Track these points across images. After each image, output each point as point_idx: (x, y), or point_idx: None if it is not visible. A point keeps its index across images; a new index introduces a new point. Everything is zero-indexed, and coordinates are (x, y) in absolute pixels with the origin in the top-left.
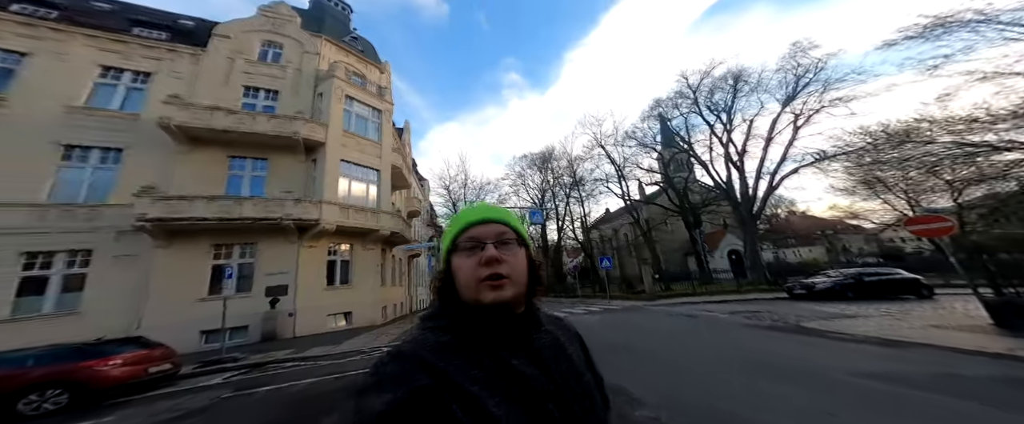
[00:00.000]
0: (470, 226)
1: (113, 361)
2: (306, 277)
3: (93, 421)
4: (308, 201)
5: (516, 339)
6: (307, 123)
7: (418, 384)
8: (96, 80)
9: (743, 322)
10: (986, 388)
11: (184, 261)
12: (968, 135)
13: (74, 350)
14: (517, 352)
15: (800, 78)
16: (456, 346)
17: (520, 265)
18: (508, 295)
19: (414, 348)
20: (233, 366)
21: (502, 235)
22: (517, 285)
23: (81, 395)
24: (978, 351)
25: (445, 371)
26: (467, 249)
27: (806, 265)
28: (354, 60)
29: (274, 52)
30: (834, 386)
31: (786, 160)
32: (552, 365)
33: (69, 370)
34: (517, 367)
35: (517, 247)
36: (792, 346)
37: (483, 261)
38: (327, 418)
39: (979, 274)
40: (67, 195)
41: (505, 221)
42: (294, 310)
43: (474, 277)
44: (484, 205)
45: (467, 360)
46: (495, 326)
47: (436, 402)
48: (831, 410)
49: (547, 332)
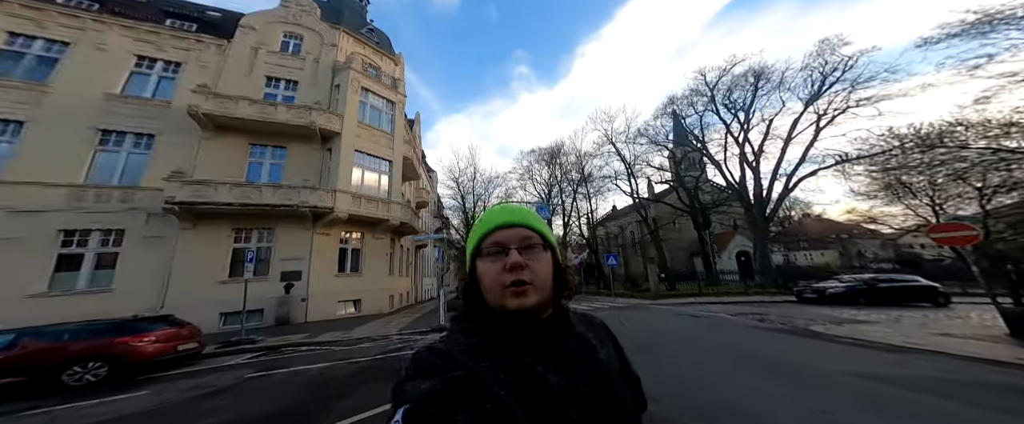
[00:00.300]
0: (494, 230)
1: (147, 338)
2: (319, 264)
3: (129, 394)
4: (323, 189)
5: (542, 345)
6: (324, 113)
7: (454, 375)
8: (132, 69)
9: (750, 324)
10: (981, 393)
11: (207, 244)
12: (1004, 140)
13: (112, 326)
14: (543, 358)
15: (827, 76)
16: (484, 348)
17: (545, 270)
18: (531, 302)
19: (446, 347)
20: (251, 348)
21: (527, 239)
22: (541, 291)
23: (118, 369)
24: (989, 359)
25: (476, 370)
26: (491, 254)
27: (817, 269)
28: (370, 52)
29: (295, 43)
30: (836, 387)
31: (805, 162)
32: (578, 372)
33: (108, 344)
34: (542, 375)
35: (542, 251)
36: (796, 347)
37: (507, 267)
38: (342, 402)
39: (1000, 284)
40: (103, 178)
41: (529, 225)
42: (307, 296)
43: (498, 283)
44: (508, 207)
45: (495, 363)
46: (520, 332)
47: (471, 394)
48: (829, 409)
49: (577, 336)
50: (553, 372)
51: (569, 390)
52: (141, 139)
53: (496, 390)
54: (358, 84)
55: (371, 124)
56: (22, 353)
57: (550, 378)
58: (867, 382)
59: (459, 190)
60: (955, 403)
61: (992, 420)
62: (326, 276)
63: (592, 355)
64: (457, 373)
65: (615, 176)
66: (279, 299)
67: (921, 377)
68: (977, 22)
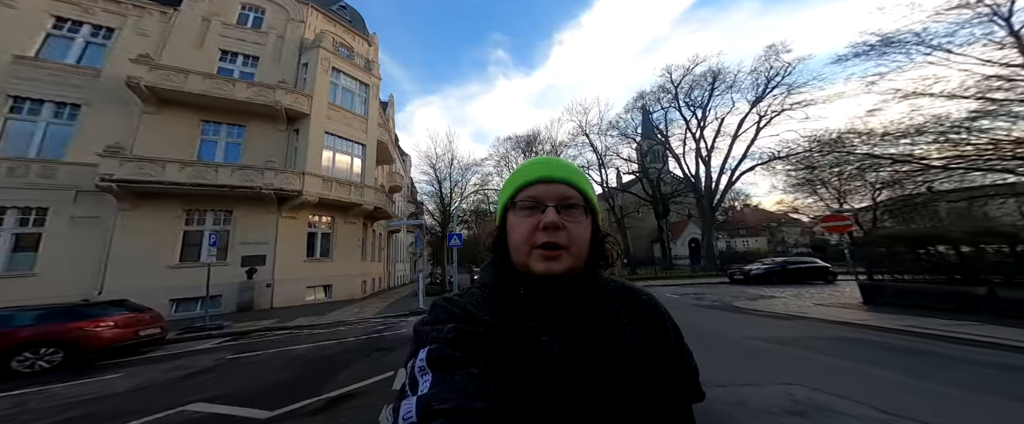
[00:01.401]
0: (532, 183)
1: (105, 322)
2: (285, 248)
3: (99, 378)
4: (290, 172)
5: (558, 312)
6: (290, 93)
7: (472, 327)
8: (49, 31)
9: (689, 302)
10: (830, 344)
11: (152, 225)
12: (877, 148)
13: (64, 310)
14: (553, 326)
15: (770, 80)
16: (498, 306)
17: (583, 236)
18: (561, 268)
19: (463, 300)
20: (218, 333)
21: (567, 199)
22: (576, 258)
23: (74, 355)
24: (838, 321)
25: (489, 324)
26: (525, 209)
27: (750, 254)
28: (341, 31)
29: (255, 16)
30: (742, 349)
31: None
32: (589, 346)
33: (62, 330)
34: (544, 343)
35: (583, 215)
36: (719, 319)
37: (541, 226)
38: (340, 374)
39: (862, 263)
40: (16, 149)
41: (573, 182)
42: (272, 281)
43: (527, 242)
44: (551, 159)
45: (502, 321)
46: (535, 294)
47: (488, 343)
48: (737, 366)
49: (605, 309)
50: (558, 342)
51: (570, 364)
52: (63, 109)
53: (501, 345)
54: (329, 64)
55: (343, 106)
56: None
57: (552, 347)
58: (758, 342)
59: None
60: (809, 352)
61: (827, 361)
62: (293, 261)
63: (613, 334)
64: (475, 326)
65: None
66: (240, 284)
67: (794, 337)
68: (877, 44)
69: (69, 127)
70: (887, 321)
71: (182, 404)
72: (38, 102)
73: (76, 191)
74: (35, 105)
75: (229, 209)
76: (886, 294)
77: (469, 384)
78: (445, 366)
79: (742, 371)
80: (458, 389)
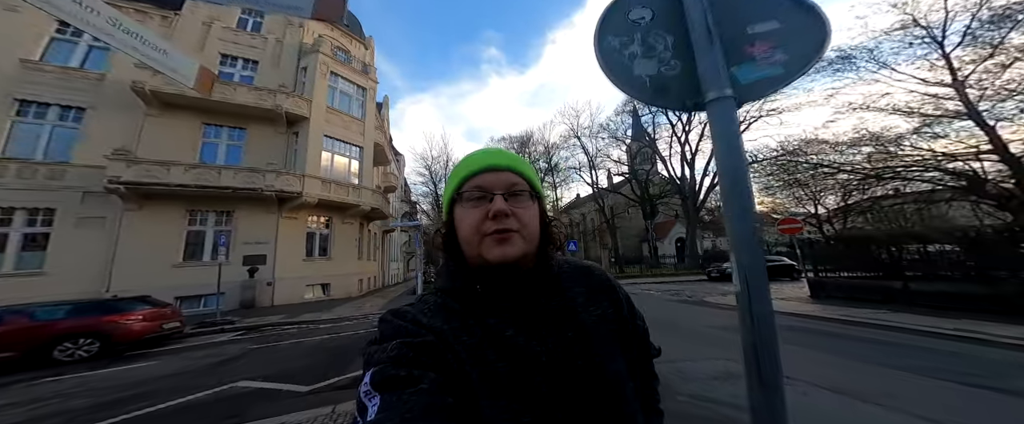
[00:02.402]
0: (477, 173)
1: (134, 316)
2: (285, 248)
3: (138, 365)
4: (290, 173)
5: (517, 303)
6: (291, 97)
7: (420, 339)
8: (53, 35)
9: (668, 298)
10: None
11: (157, 226)
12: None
13: (97, 305)
14: (514, 318)
15: None
16: (454, 309)
17: (532, 220)
18: (515, 252)
19: (412, 310)
20: (231, 328)
21: (514, 186)
22: (528, 242)
23: (108, 345)
24: (787, 312)
25: (441, 330)
26: (473, 200)
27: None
28: (339, 34)
29: (255, 21)
30: (699, 335)
31: None
32: (552, 333)
33: (98, 322)
34: (510, 337)
35: (529, 200)
36: (689, 312)
37: (490, 214)
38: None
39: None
40: (24, 151)
41: (517, 170)
42: (273, 279)
43: (477, 232)
44: (493, 149)
45: (461, 325)
46: (492, 290)
47: (439, 356)
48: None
49: (561, 292)
50: (523, 334)
51: (536, 353)
52: (68, 112)
53: (459, 352)
54: (327, 68)
55: (340, 109)
56: (10, 329)
57: (517, 340)
58: (716, 331)
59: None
60: None
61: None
62: (293, 260)
63: (573, 315)
64: (424, 337)
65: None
66: (243, 283)
67: None
68: (836, 59)
69: (74, 130)
70: (822, 311)
71: (229, 382)
72: (44, 105)
73: (83, 192)
74: (41, 108)
75: (231, 210)
76: (828, 289)
77: (417, 403)
78: (392, 387)
79: (692, 351)
80: (403, 411)
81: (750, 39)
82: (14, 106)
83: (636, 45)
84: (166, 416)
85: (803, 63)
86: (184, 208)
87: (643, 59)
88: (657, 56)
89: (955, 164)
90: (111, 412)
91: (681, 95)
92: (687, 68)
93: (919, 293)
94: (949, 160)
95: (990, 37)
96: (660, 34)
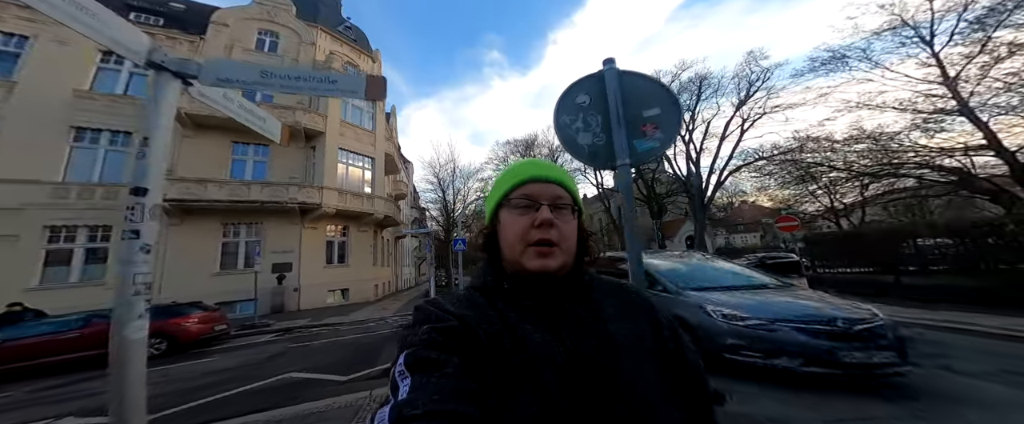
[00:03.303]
0: (527, 182)
1: (191, 319)
2: (308, 256)
3: (202, 361)
4: (310, 186)
5: (540, 304)
6: (308, 113)
7: (447, 324)
8: (98, 65)
9: None
10: None
11: (196, 238)
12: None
13: (163, 309)
14: (536, 318)
15: (752, 85)
16: (479, 302)
17: (572, 234)
18: (555, 265)
19: (442, 300)
20: (268, 330)
21: (559, 199)
22: (566, 255)
23: (173, 345)
24: None
25: (464, 316)
26: (520, 207)
27: (746, 250)
28: (348, 49)
29: (271, 41)
30: None
31: (733, 158)
32: (572, 336)
33: (164, 324)
34: (526, 332)
35: (571, 215)
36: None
37: (536, 223)
38: (382, 354)
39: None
40: (83, 175)
41: (563, 183)
42: (298, 286)
43: (523, 240)
44: (541, 162)
45: (482, 314)
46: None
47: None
48: None
49: (590, 301)
50: (541, 332)
51: (553, 351)
52: (118, 136)
53: (480, 337)
54: None
55: (353, 122)
56: (95, 330)
57: (534, 336)
58: None
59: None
60: None
61: None
62: (315, 267)
63: (598, 325)
64: (450, 322)
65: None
66: (272, 289)
67: None
68: (829, 59)
69: (124, 152)
70: None
71: (282, 374)
72: (97, 131)
73: None
74: (94, 134)
75: (260, 221)
76: (825, 284)
77: (444, 386)
78: (422, 368)
79: None
80: (432, 392)
81: (644, 121)
82: (71, 133)
83: (579, 122)
84: (243, 397)
85: (672, 136)
86: (219, 221)
87: (583, 132)
88: (591, 130)
89: (948, 160)
90: (200, 395)
91: (606, 160)
92: (609, 140)
93: (911, 287)
94: (943, 156)
95: (978, 37)
96: (594, 114)
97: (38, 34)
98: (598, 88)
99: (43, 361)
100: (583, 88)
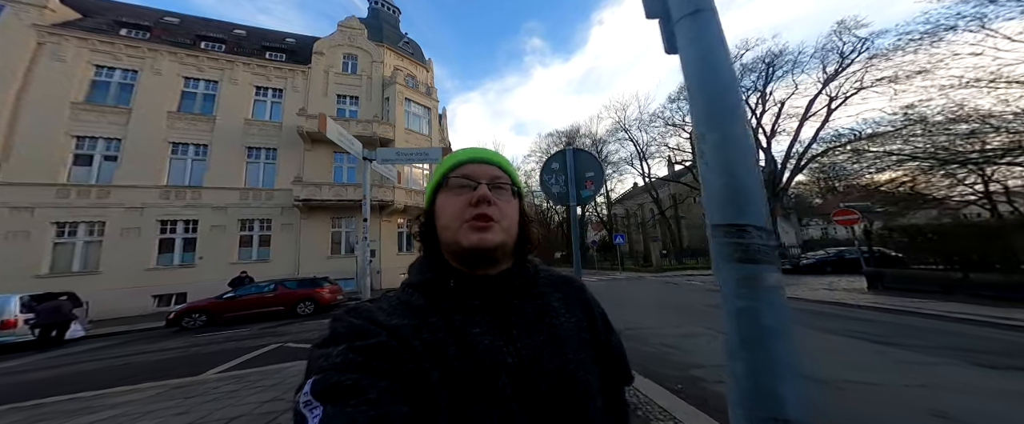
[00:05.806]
0: (463, 163)
1: (327, 289)
2: (386, 244)
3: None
4: (386, 186)
5: (488, 302)
6: (381, 125)
7: (372, 340)
8: (255, 98)
9: (707, 287)
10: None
11: (316, 230)
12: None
13: (308, 281)
14: (483, 316)
15: (845, 57)
16: (417, 306)
17: (512, 214)
18: (494, 240)
19: (370, 307)
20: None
21: (497, 179)
22: (506, 233)
23: (318, 308)
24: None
25: (396, 328)
26: (457, 187)
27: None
28: (407, 63)
29: (352, 63)
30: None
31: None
32: (523, 335)
33: (313, 292)
34: (475, 335)
35: (511, 195)
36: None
37: (473, 200)
38: None
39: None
40: (253, 182)
41: (501, 165)
42: (380, 269)
43: (459, 218)
44: (480, 147)
45: (421, 322)
46: (465, 285)
47: (394, 359)
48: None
49: (536, 295)
50: (490, 332)
51: (502, 353)
52: (271, 153)
53: (416, 349)
54: (402, 96)
55: (413, 129)
56: (279, 294)
57: (483, 339)
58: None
59: None
60: None
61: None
62: (390, 254)
63: (547, 320)
64: (376, 338)
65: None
66: None
67: None
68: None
69: (273, 165)
70: (862, 300)
71: None
72: (257, 150)
73: (281, 207)
74: (256, 152)
75: (353, 216)
76: (886, 280)
77: (364, 416)
78: (335, 397)
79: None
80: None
81: (585, 179)
82: (245, 152)
83: (553, 179)
84: None
85: (599, 188)
86: (329, 216)
87: (556, 185)
88: (560, 184)
89: None
90: None
91: (566, 200)
92: (568, 190)
93: (982, 284)
94: None
95: None
96: (561, 174)
97: (222, 78)
98: (562, 159)
99: (255, 311)
100: (557, 159)
